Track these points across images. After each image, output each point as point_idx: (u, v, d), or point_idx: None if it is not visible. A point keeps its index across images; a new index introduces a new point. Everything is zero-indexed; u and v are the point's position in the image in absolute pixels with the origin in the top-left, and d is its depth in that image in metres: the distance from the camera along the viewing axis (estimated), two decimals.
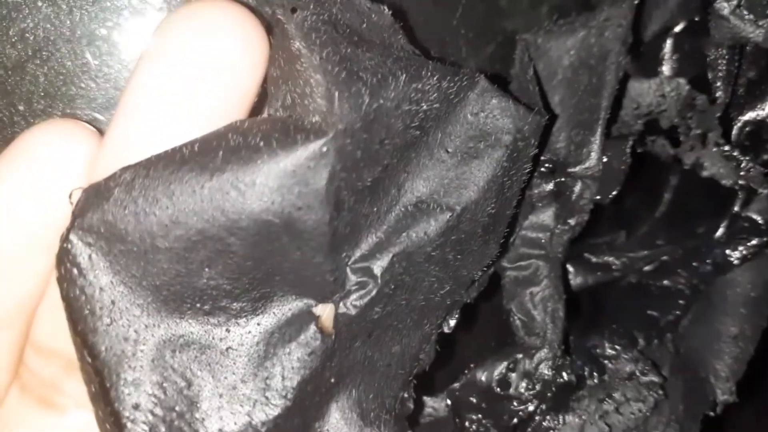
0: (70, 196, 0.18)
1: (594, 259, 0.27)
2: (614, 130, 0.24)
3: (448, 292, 0.22)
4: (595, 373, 0.24)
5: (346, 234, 0.19)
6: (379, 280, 0.20)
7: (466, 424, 0.24)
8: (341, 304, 0.20)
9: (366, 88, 0.18)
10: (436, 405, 0.24)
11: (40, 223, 0.20)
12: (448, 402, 0.24)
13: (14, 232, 0.20)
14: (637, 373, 0.23)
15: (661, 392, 0.23)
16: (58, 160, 0.20)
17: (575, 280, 0.27)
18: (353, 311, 0.20)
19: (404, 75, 0.18)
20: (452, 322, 0.23)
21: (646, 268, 0.27)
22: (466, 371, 0.24)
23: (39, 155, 0.20)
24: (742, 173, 0.25)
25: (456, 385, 0.24)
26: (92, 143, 0.20)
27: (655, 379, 0.23)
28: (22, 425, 0.20)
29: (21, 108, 0.23)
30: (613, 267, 0.27)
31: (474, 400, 0.24)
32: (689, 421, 0.25)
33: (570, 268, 0.27)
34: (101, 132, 0.20)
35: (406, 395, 0.22)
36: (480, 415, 0.24)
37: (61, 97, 0.23)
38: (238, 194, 0.18)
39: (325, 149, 0.18)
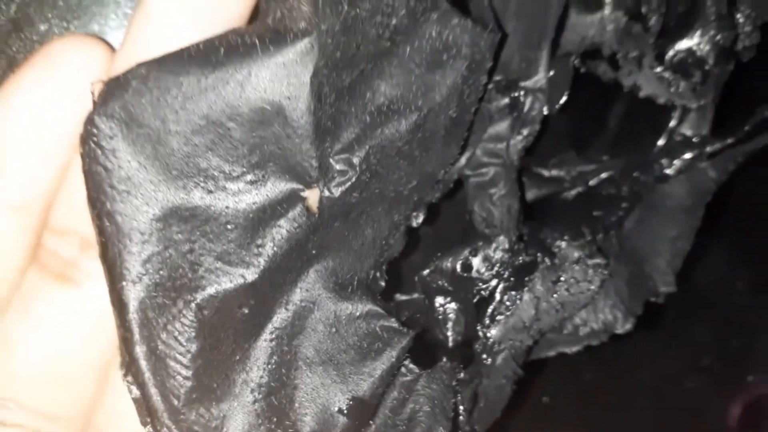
0: (92, 88, 0.22)
1: (546, 174, 0.31)
2: (559, 50, 0.28)
3: (415, 187, 0.25)
4: (546, 259, 0.27)
5: (328, 127, 0.23)
6: (357, 169, 0.24)
7: (436, 305, 0.28)
8: (325, 189, 0.23)
9: None
10: (408, 291, 0.28)
11: (59, 120, 0.23)
12: (419, 287, 0.27)
13: (36, 128, 0.23)
14: (584, 257, 0.27)
15: (606, 272, 0.27)
16: (77, 64, 0.23)
17: (529, 192, 0.30)
18: (335, 195, 0.23)
19: None
20: (420, 219, 0.26)
21: (593, 180, 0.30)
22: (433, 259, 0.27)
23: (59, 61, 0.23)
24: (672, 90, 0.29)
25: (425, 271, 0.27)
26: (106, 53, 0.23)
27: (601, 261, 0.27)
28: (41, 299, 0.23)
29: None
30: (563, 179, 0.31)
31: (441, 284, 0.27)
32: (634, 304, 0.29)
33: (525, 180, 0.30)
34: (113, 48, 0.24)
35: (378, 274, 0.25)
36: (448, 298, 0.27)
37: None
38: (237, 84, 0.21)
39: (310, 46, 0.21)
